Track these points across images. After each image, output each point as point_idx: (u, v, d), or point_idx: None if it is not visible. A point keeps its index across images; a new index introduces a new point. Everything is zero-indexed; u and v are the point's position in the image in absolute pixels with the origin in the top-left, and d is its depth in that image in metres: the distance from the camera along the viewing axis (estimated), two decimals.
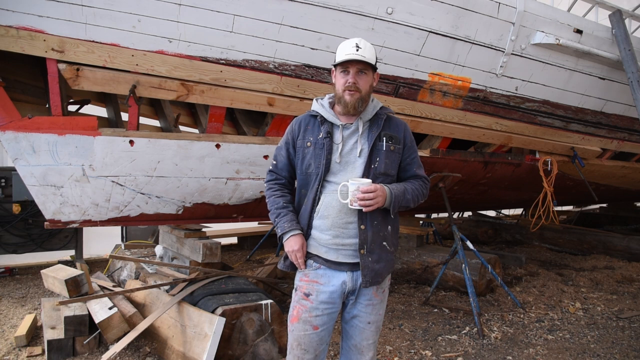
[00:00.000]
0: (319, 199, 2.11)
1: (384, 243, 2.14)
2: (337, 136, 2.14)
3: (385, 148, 2.14)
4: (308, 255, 2.15)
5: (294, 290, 2.22)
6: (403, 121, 2.29)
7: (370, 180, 2.03)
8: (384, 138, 2.14)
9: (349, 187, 2.01)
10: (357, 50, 2.05)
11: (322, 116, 2.17)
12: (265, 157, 3.66)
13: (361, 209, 2.03)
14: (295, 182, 2.26)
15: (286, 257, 2.20)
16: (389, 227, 2.17)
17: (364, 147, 2.13)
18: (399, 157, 2.20)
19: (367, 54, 2.07)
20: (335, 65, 2.13)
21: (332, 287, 2.12)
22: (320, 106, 2.20)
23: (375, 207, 2.03)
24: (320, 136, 2.13)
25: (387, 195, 2.06)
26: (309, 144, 2.15)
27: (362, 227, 2.08)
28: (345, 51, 2.07)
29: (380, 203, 2.03)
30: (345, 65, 2.07)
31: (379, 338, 3.78)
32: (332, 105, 2.20)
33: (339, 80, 2.11)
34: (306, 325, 2.12)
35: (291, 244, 2.12)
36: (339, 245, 2.10)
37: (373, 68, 2.13)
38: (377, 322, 2.22)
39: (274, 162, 2.27)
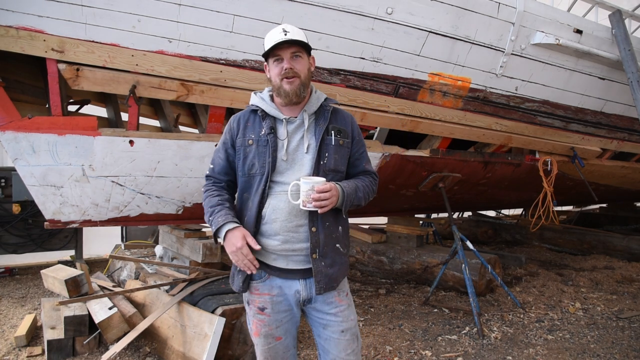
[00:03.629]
0: (265, 202, 1.92)
1: (337, 245, 1.98)
2: (282, 131, 1.95)
3: (334, 142, 1.97)
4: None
5: (245, 303, 2.06)
6: (349, 113, 2.12)
7: (324, 179, 1.86)
8: (332, 132, 1.97)
9: (301, 186, 1.83)
10: (286, 34, 1.87)
11: (263, 110, 1.97)
12: None
13: (314, 210, 1.85)
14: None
15: (236, 274, 1.99)
16: (340, 227, 2.00)
17: (312, 142, 1.95)
18: (348, 151, 2.03)
19: (297, 36, 1.90)
20: (266, 58, 1.95)
21: (285, 297, 1.98)
22: (260, 99, 2.00)
23: (330, 207, 1.86)
24: (262, 132, 1.93)
25: (339, 193, 1.89)
26: (250, 141, 1.94)
27: (314, 229, 1.90)
28: (274, 38, 1.88)
29: (334, 203, 1.87)
30: (277, 52, 1.89)
31: (378, 339, 3.71)
32: (272, 98, 2.02)
33: (274, 70, 1.92)
34: (268, 339, 1.99)
35: (232, 241, 1.85)
36: (288, 251, 1.92)
37: (307, 51, 1.95)
38: (351, 329, 2.01)
39: (211, 167, 2.05)
